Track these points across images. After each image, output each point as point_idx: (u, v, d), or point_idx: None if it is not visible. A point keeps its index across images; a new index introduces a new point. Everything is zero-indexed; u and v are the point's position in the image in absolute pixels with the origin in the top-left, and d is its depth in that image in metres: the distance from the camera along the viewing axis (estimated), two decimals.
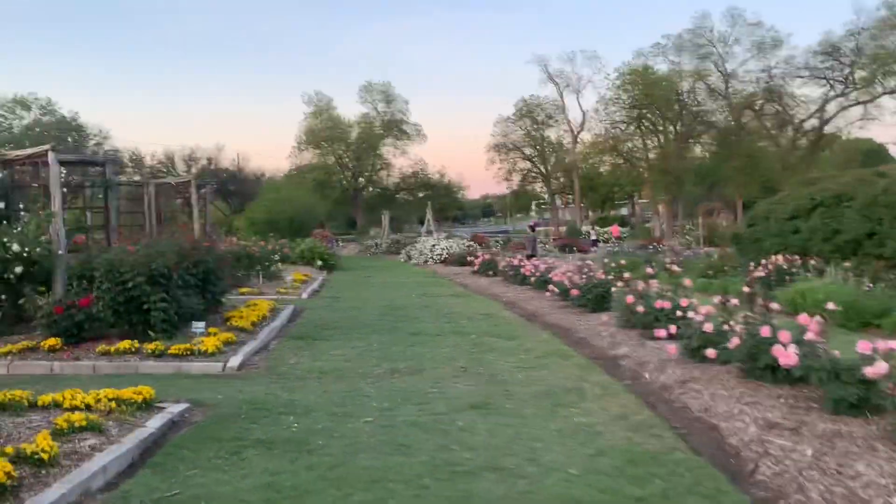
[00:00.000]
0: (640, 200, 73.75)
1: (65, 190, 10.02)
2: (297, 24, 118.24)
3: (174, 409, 6.10)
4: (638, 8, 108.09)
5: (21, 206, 10.07)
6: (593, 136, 56.89)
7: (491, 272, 21.34)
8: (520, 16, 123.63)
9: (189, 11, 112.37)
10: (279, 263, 20.37)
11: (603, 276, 12.92)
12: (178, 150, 58.67)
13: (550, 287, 14.36)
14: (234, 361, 8.45)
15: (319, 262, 24.91)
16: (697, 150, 53.14)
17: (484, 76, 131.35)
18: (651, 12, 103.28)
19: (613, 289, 11.70)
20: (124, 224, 16.11)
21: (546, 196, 69.60)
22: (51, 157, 9.55)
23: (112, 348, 8.54)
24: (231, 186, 59.05)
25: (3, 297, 9.44)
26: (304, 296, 16.37)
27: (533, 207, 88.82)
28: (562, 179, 63.94)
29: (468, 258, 26.14)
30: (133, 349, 8.54)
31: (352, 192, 60.66)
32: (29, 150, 10.31)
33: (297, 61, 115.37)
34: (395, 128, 61.55)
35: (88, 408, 5.66)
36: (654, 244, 30.11)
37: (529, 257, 21.02)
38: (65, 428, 4.90)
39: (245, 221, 40.28)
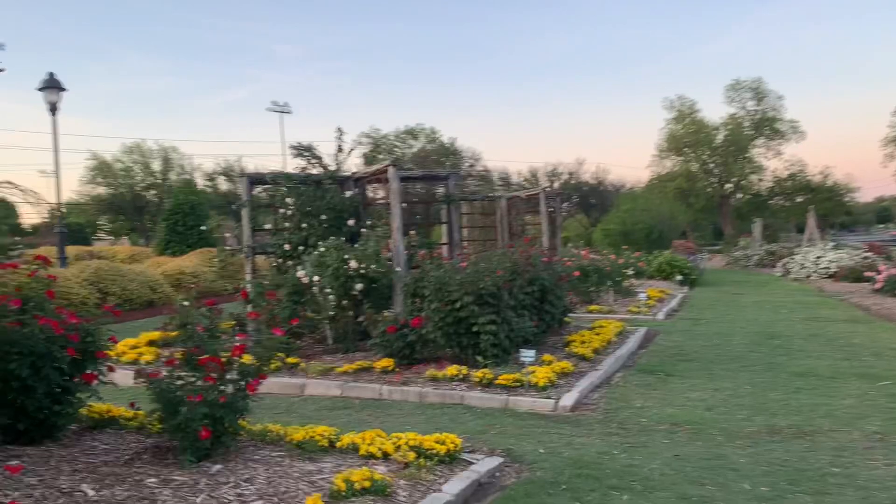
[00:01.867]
0: None
1: (404, 205, 9.80)
2: (657, 30, 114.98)
3: (483, 466, 4.97)
4: None
5: (369, 222, 10.16)
6: None
7: None
8: None
9: (548, 30, 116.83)
10: (633, 278, 18.74)
11: None
12: (541, 166, 60.69)
13: None
14: (568, 400, 7.16)
15: (679, 277, 22.61)
16: None
17: (876, 60, 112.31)
18: None
19: None
20: (478, 238, 16.15)
21: None
22: (391, 172, 9.37)
23: (440, 374, 7.90)
24: (591, 199, 59.09)
25: (350, 313, 9.50)
26: (660, 316, 14.53)
27: None
28: None
29: (865, 273, 21.40)
30: (460, 376, 7.80)
31: (718, 199, 56.15)
32: (374, 167, 10.37)
33: (657, 68, 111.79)
34: (767, 127, 55.40)
35: (386, 456, 4.83)
36: None
37: None
38: (342, 490, 4.04)
39: (600, 234, 39.32)
